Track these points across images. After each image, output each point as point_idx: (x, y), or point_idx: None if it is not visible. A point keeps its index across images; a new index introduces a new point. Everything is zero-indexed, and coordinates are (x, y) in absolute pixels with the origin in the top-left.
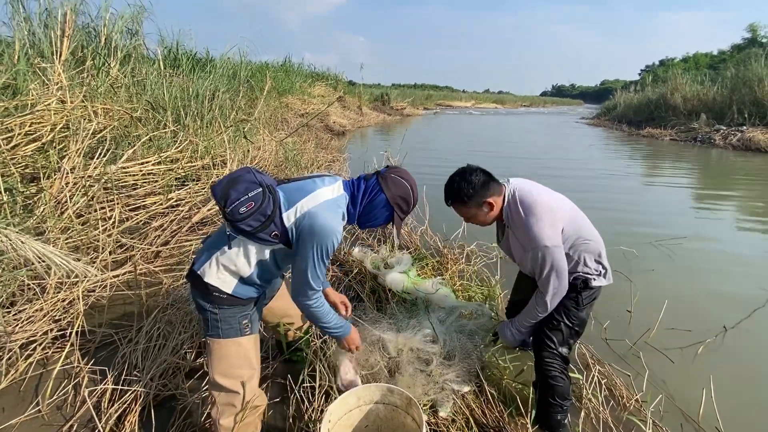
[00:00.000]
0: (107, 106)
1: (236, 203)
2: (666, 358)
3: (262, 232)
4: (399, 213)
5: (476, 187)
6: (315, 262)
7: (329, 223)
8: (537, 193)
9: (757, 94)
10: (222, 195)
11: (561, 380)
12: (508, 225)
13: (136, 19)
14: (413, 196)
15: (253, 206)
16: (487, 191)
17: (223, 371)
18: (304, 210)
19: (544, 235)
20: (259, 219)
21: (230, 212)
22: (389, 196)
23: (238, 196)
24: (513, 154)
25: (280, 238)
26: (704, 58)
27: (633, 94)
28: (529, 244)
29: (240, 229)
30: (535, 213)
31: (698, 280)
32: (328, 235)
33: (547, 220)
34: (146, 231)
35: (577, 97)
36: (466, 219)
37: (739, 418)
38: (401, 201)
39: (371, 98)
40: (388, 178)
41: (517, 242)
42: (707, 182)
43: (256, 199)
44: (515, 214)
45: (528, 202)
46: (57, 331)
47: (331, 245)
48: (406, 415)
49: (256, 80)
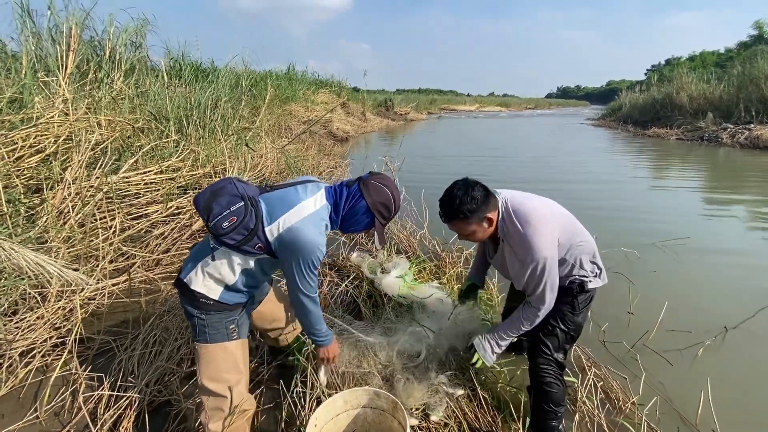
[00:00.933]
0: (110, 117)
1: (219, 218)
2: (664, 361)
3: (245, 245)
4: (380, 219)
5: (478, 202)
6: (304, 274)
7: (312, 239)
8: (529, 203)
9: (764, 91)
10: (204, 208)
11: (556, 386)
12: (503, 239)
13: (139, 32)
14: (394, 203)
15: (236, 221)
16: (488, 206)
17: (211, 375)
18: (286, 225)
19: (543, 245)
20: (242, 233)
21: (213, 226)
22: (370, 202)
23: (221, 210)
24: (516, 157)
25: (264, 249)
26: (711, 57)
27: (638, 94)
28: (528, 256)
29: (223, 242)
30: (532, 223)
31: (700, 281)
32: (311, 250)
33: (545, 231)
34: (147, 239)
35: (583, 98)
36: (464, 236)
37: (737, 421)
38: (382, 207)
39: (375, 104)
40: (369, 185)
41: (514, 256)
42: (714, 182)
43: (239, 213)
44: (511, 227)
45: (522, 213)
46: (57, 339)
47: (316, 259)
48: (393, 419)
49: (259, 89)
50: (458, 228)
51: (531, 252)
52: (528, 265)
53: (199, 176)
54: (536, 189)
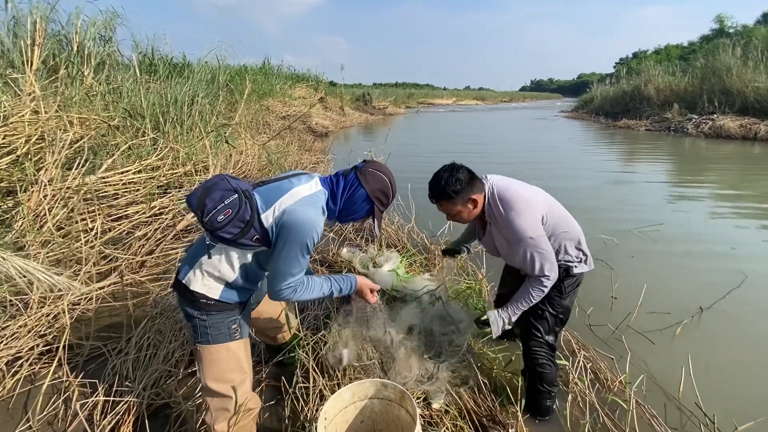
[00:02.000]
0: (83, 115)
1: (213, 212)
2: (647, 340)
3: (242, 238)
4: (379, 206)
5: (462, 183)
6: (294, 258)
7: (309, 218)
8: (513, 187)
9: (726, 83)
10: (198, 205)
11: (548, 367)
12: (490, 221)
13: (108, 26)
14: (392, 189)
15: (231, 213)
16: (472, 188)
17: (215, 376)
18: (282, 208)
19: (527, 226)
20: (238, 225)
21: (208, 221)
22: (369, 190)
23: (215, 204)
24: (496, 151)
25: (262, 241)
26: (675, 50)
27: (609, 87)
28: (514, 238)
29: (220, 237)
30: (514, 207)
31: (675, 265)
32: (308, 229)
33: (527, 213)
34: (130, 241)
35: (556, 91)
36: (450, 216)
37: (717, 394)
38: (380, 194)
39: (353, 98)
40: (366, 173)
41: (501, 237)
42: (682, 171)
43: (233, 205)
44: (495, 210)
45: (506, 198)
46: (43, 347)
47: (311, 240)
48: (399, 408)
49: (236, 84)
50: (445, 208)
51: (516, 234)
52: (516, 246)
53: (179, 175)
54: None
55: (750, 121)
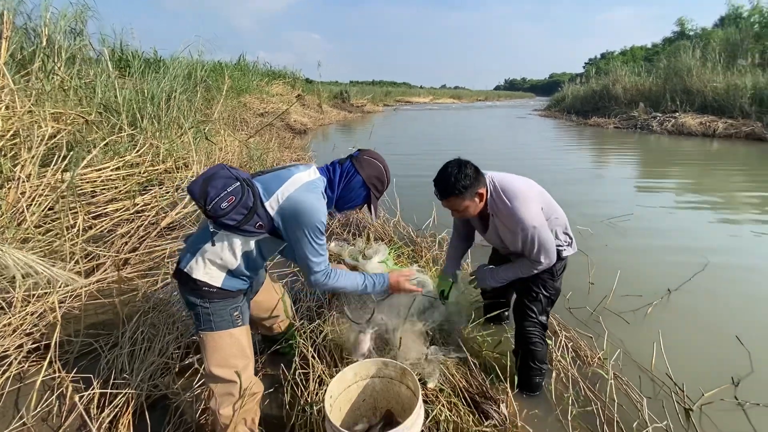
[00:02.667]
0: (59, 110)
1: (216, 199)
2: (622, 320)
3: (246, 224)
4: (374, 192)
5: (471, 179)
6: (311, 242)
7: (312, 203)
8: (513, 180)
9: (687, 83)
10: (201, 193)
11: (540, 346)
12: (494, 214)
13: (79, 18)
14: (386, 175)
15: (234, 200)
16: (479, 182)
17: (219, 362)
18: (285, 195)
19: (531, 215)
20: (241, 212)
21: (212, 209)
22: (365, 176)
23: (218, 192)
24: (479, 148)
25: (265, 228)
26: (640, 51)
27: (579, 86)
28: (519, 227)
29: (223, 224)
30: (519, 198)
31: (645, 252)
32: (314, 214)
33: (531, 203)
34: (112, 239)
35: (529, 90)
36: (458, 212)
37: (685, 365)
38: (376, 180)
39: (330, 96)
40: (362, 160)
41: (505, 228)
42: (648, 166)
43: (236, 192)
44: (500, 203)
45: (510, 190)
46: (32, 344)
47: (320, 223)
48: (400, 384)
49: (212, 80)
50: (453, 204)
51: (521, 223)
52: (519, 235)
53: (160, 171)
54: None
55: (709, 119)
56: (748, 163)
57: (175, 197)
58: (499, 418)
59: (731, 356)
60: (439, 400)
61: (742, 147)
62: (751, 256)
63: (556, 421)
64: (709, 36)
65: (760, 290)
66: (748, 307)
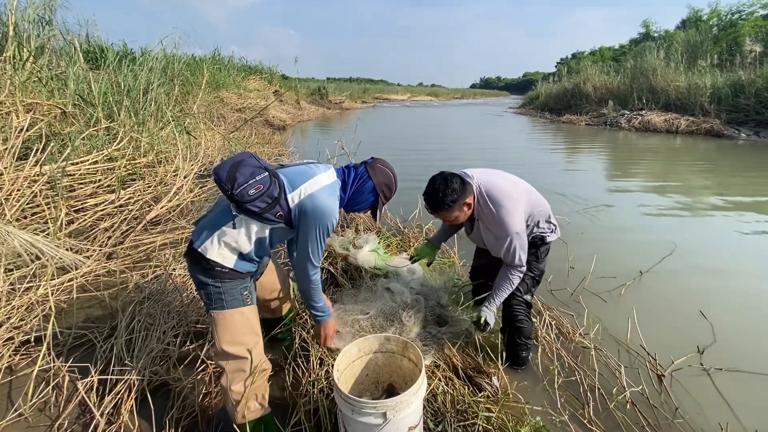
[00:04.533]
0: (35, 100)
1: (245, 185)
2: (599, 299)
3: (268, 212)
4: (382, 198)
5: (458, 192)
6: (317, 239)
7: (329, 205)
8: (499, 184)
9: (652, 82)
10: (228, 178)
11: (526, 323)
12: (479, 218)
13: (48, 7)
14: (395, 184)
15: (262, 189)
16: (465, 194)
17: (231, 340)
18: (307, 192)
19: (513, 222)
20: (266, 201)
21: (239, 194)
22: (376, 182)
23: (246, 179)
24: (461, 153)
25: (284, 218)
26: (608, 52)
27: (552, 85)
28: (502, 233)
29: (246, 209)
30: (504, 205)
31: (618, 238)
32: (328, 215)
33: (514, 210)
34: (94, 233)
35: (503, 88)
36: (449, 222)
37: (656, 337)
38: (385, 188)
39: (308, 92)
40: (375, 167)
41: (489, 232)
42: (619, 160)
43: (264, 182)
44: (485, 209)
45: (496, 197)
46: (23, 336)
47: (331, 224)
48: (402, 358)
49: (189, 74)
50: (443, 216)
51: (504, 229)
52: (502, 240)
53: (141, 165)
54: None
55: (672, 116)
56: (708, 157)
57: (158, 191)
58: (491, 390)
59: (696, 328)
60: (436, 374)
61: (702, 143)
62: (713, 239)
63: (544, 390)
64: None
65: (721, 269)
66: (710, 285)
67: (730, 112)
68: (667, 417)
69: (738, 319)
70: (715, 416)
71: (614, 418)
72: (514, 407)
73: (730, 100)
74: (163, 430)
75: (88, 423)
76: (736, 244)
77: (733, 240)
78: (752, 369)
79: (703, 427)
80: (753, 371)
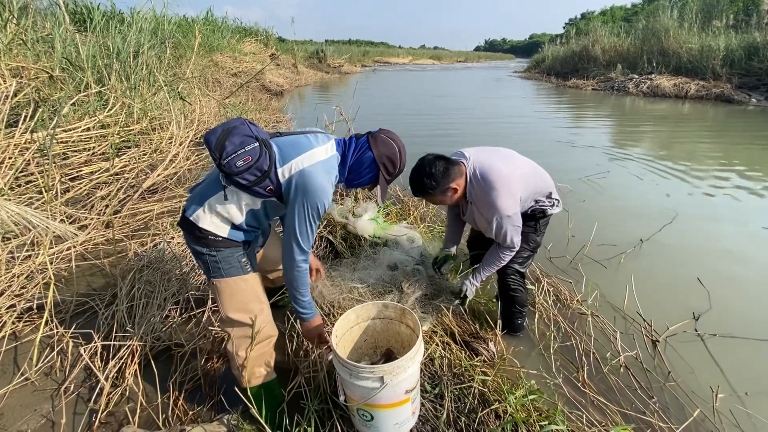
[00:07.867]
0: (22, 64)
1: (233, 155)
2: (599, 266)
3: (257, 186)
4: (384, 173)
5: (438, 178)
6: (305, 220)
7: (321, 184)
8: (494, 165)
9: (664, 44)
10: (217, 146)
11: (520, 291)
12: (471, 201)
13: None
14: (400, 158)
15: (251, 160)
16: (449, 178)
17: (236, 307)
18: (298, 168)
19: (506, 206)
20: (255, 174)
21: (226, 164)
22: (376, 154)
23: (235, 149)
24: (467, 121)
25: (274, 192)
26: (619, 11)
27: (559, 47)
28: (493, 216)
29: (235, 181)
30: (497, 188)
31: (619, 205)
32: (318, 195)
33: (507, 192)
34: (91, 201)
35: (508, 51)
36: (435, 204)
37: (653, 304)
38: (387, 161)
39: (306, 55)
40: (377, 138)
41: (481, 215)
42: (624, 127)
43: (253, 153)
44: (478, 192)
45: (489, 179)
46: (25, 304)
47: (322, 205)
48: (400, 324)
49: (182, 35)
50: (427, 200)
51: (496, 213)
52: (494, 223)
53: (134, 132)
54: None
55: (682, 81)
56: (716, 124)
57: (154, 159)
58: (488, 354)
59: (693, 296)
60: (434, 339)
61: (711, 108)
62: (713, 208)
63: (539, 355)
64: None
65: (720, 238)
66: (709, 253)
67: (743, 76)
68: (659, 380)
69: (735, 287)
70: (707, 380)
71: (607, 381)
72: (509, 371)
73: (744, 63)
74: (167, 392)
75: (94, 386)
76: (737, 213)
77: (735, 208)
78: (747, 335)
79: (695, 389)
80: (747, 337)
